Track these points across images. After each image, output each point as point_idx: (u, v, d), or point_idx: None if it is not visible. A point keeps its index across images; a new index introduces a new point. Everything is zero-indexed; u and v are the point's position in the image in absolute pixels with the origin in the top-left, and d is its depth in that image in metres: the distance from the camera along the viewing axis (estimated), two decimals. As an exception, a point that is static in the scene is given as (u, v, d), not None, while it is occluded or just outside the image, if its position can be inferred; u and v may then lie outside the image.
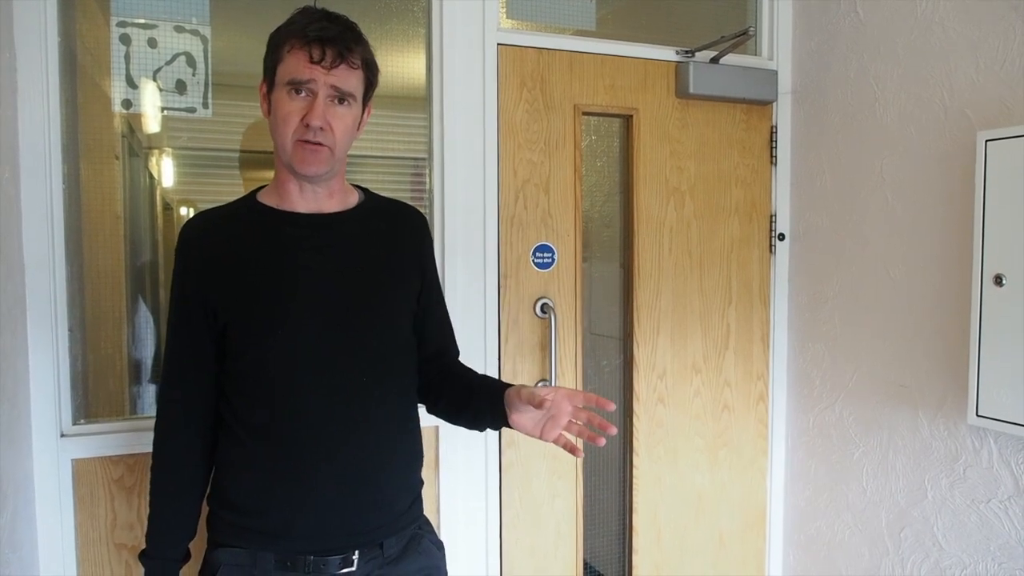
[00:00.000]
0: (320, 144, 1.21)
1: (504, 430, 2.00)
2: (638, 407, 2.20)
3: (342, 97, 1.22)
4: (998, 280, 1.62)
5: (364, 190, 1.39)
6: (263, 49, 1.27)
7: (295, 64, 1.19)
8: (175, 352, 1.29)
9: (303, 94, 1.20)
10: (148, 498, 1.31)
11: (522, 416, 1.24)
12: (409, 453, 1.35)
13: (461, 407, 1.35)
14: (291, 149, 1.21)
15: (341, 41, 1.20)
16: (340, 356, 1.25)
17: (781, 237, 2.34)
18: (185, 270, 1.28)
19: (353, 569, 1.25)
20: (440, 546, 1.41)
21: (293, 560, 1.22)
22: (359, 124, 1.28)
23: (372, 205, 1.37)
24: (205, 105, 1.79)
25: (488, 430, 1.60)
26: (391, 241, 1.34)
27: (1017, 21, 1.67)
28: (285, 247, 1.26)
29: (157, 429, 1.31)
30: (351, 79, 1.22)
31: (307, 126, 1.19)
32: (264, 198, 1.31)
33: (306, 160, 1.21)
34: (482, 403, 1.30)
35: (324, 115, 1.20)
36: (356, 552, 1.25)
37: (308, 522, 1.23)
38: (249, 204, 1.31)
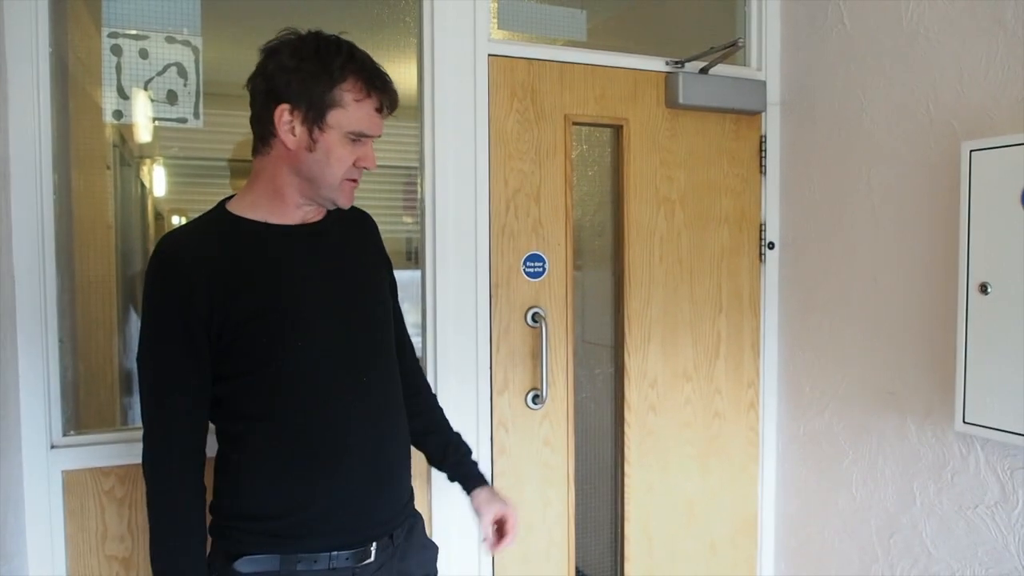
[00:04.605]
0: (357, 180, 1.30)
1: (495, 440, 2.04)
2: (629, 415, 2.21)
3: None
4: (983, 288, 1.64)
5: None
6: (255, 59, 1.27)
7: (366, 118, 1.24)
8: (175, 382, 1.23)
9: (360, 141, 1.26)
10: (168, 540, 1.23)
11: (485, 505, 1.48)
12: (408, 444, 1.43)
13: (432, 454, 1.54)
14: (338, 188, 1.27)
15: (395, 93, 1.28)
16: (353, 356, 1.31)
17: (771, 246, 2.35)
18: (187, 296, 1.20)
19: (371, 561, 1.30)
20: (435, 546, 1.48)
21: (318, 557, 1.25)
22: None
23: (337, 212, 1.41)
24: (196, 115, 1.80)
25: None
26: (362, 244, 1.43)
27: (1000, 32, 1.70)
28: (290, 258, 1.28)
29: (164, 466, 1.23)
30: None
31: (361, 168, 1.28)
32: (247, 212, 1.29)
33: (350, 197, 1.30)
34: (451, 469, 1.52)
35: (375, 157, 1.30)
36: (374, 544, 1.30)
37: (337, 519, 1.27)
38: (231, 220, 1.28)
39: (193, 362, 1.22)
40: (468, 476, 1.50)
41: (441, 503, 1.97)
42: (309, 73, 1.21)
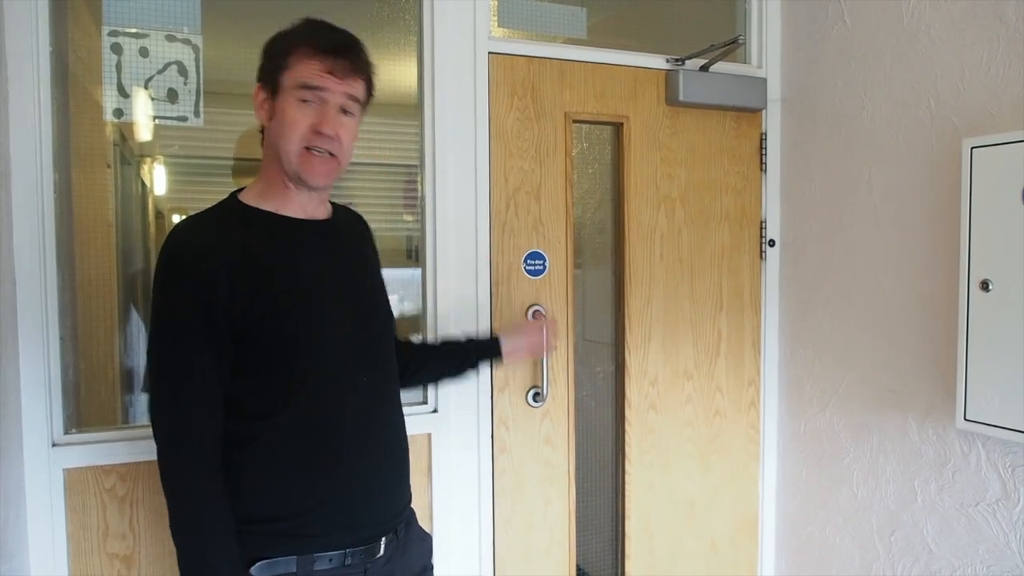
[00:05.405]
0: (331, 155, 1.24)
1: (496, 438, 2.04)
2: (630, 413, 2.21)
3: (347, 108, 1.25)
4: (984, 285, 1.63)
5: None
6: (255, 58, 1.27)
7: (308, 71, 1.20)
8: (193, 376, 1.19)
9: (312, 103, 1.21)
10: (197, 537, 1.20)
11: (514, 344, 1.65)
12: (407, 439, 1.44)
13: (449, 369, 1.62)
14: (297, 157, 1.22)
15: (353, 52, 1.23)
16: (358, 355, 1.32)
17: (771, 243, 2.35)
18: (207, 287, 1.17)
19: (381, 555, 1.31)
20: (430, 537, 1.50)
21: (332, 556, 1.25)
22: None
23: (341, 212, 1.42)
24: (196, 114, 1.80)
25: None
26: (364, 244, 1.45)
27: (1001, 29, 1.70)
28: (304, 253, 1.28)
29: (181, 461, 1.19)
30: (360, 89, 1.27)
31: (318, 133, 1.21)
32: (258, 203, 1.28)
33: (315, 170, 1.24)
34: (470, 355, 1.62)
35: (335, 124, 1.22)
36: (383, 539, 1.32)
37: (346, 517, 1.27)
38: (245, 210, 1.28)
39: (214, 355, 1.19)
40: (482, 345, 1.63)
41: (442, 497, 1.98)
42: (270, 47, 1.25)
